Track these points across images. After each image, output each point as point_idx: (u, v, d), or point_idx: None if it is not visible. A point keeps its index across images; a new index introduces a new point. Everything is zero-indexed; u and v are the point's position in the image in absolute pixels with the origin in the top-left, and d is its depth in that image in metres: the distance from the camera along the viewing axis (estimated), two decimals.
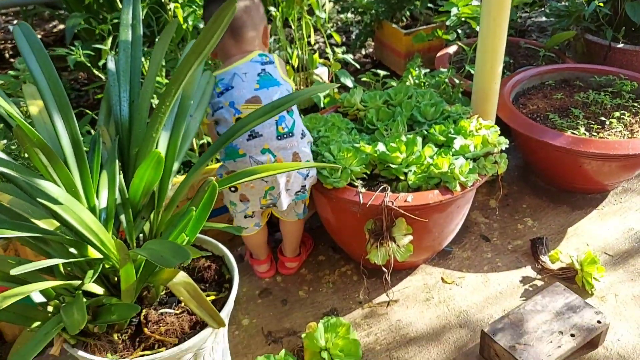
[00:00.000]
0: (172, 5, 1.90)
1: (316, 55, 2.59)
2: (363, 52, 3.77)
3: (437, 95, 2.12)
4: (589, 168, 2.08)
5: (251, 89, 1.65)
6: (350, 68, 3.34)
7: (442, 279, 1.95)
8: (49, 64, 1.30)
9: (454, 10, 2.46)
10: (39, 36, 3.99)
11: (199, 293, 1.15)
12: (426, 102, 2.04)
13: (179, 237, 1.19)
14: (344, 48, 2.66)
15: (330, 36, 2.98)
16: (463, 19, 2.48)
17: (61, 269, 1.25)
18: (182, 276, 1.15)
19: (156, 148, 1.44)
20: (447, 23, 2.51)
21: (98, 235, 1.16)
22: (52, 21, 4.31)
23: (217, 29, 1.29)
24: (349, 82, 2.47)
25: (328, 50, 2.63)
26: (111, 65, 1.60)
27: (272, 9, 2.57)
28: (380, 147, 1.78)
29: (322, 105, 2.40)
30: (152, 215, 1.41)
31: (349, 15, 3.85)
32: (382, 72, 2.60)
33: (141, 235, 1.44)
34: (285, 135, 1.65)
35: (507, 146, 1.87)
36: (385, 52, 3.49)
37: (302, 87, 2.69)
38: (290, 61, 2.59)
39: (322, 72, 2.78)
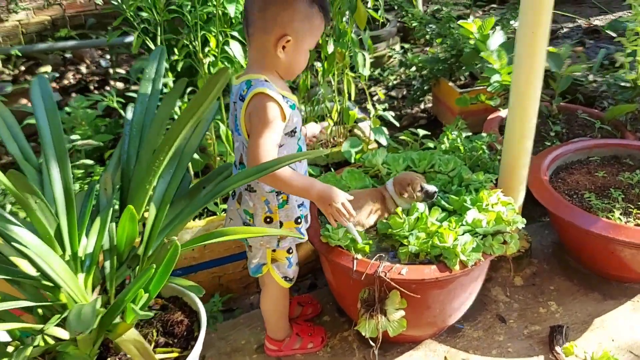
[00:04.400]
0: (206, 61, 2.00)
1: (353, 112, 2.60)
2: (422, 106, 3.74)
3: (462, 163, 2.06)
4: (623, 255, 1.91)
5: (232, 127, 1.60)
6: (400, 124, 3.33)
7: (445, 358, 1.85)
8: (56, 115, 1.41)
9: (495, 77, 2.39)
10: (122, 71, 4.32)
11: (148, 352, 1.17)
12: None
13: (138, 293, 1.23)
14: (386, 105, 2.66)
15: (374, 93, 2.99)
16: (507, 84, 2.40)
17: (39, 310, 1.33)
18: (132, 333, 1.18)
19: (150, 201, 1.52)
20: (489, 89, 2.45)
21: (66, 282, 1.22)
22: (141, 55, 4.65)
23: (209, 93, 1.34)
24: (382, 140, 2.45)
25: (369, 106, 2.64)
26: (129, 114, 1.70)
27: (317, 64, 2.62)
28: None
29: (352, 161, 2.40)
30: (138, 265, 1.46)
31: (411, 70, 3.85)
32: (421, 132, 2.57)
33: (127, 282, 1.50)
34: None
35: (523, 226, 1.77)
36: (442, 109, 3.44)
37: (342, 140, 2.71)
38: (330, 115, 2.62)
39: (365, 126, 2.79)
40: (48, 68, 3.60)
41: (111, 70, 4.17)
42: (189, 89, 2.16)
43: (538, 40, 1.76)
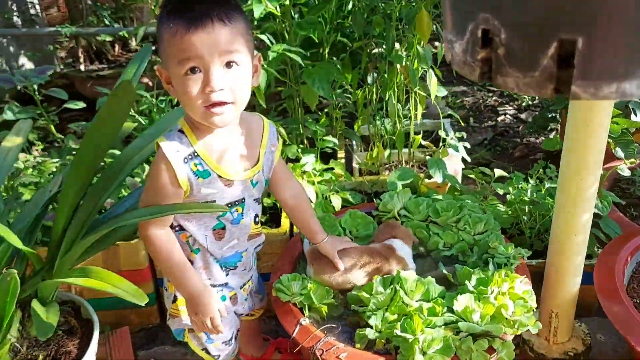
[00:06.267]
0: None
1: (418, 136, 2.22)
2: (551, 136, 3.13)
3: (498, 226, 1.61)
4: None
5: None
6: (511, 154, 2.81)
7: None
8: None
9: None
10: None
11: None
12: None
13: None
14: (463, 134, 2.21)
15: (449, 116, 2.54)
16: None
17: None
18: None
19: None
20: None
21: None
22: None
23: (113, 113, 1.17)
24: (438, 176, 2.03)
25: (440, 132, 2.23)
26: None
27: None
28: None
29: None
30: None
31: None
32: (498, 172, 2.10)
33: None
34: None
35: (536, 331, 1.30)
36: None
37: (405, 166, 2.35)
38: (393, 137, 2.28)
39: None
40: None
41: None
42: None
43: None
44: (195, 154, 1.16)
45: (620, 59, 0.37)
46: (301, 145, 2.28)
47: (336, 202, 2.02)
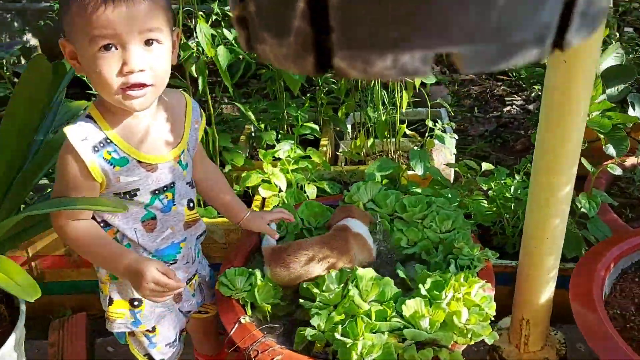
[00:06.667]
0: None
1: (403, 125, 2.10)
2: None
3: (469, 225, 1.49)
4: None
5: None
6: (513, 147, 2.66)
7: None
8: None
9: None
10: None
11: None
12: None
13: None
14: (453, 124, 2.08)
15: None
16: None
17: None
18: None
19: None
20: None
21: None
22: None
23: (27, 93, 1.09)
24: (419, 168, 1.91)
25: (427, 122, 2.11)
26: None
27: None
28: None
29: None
30: None
31: None
32: (485, 166, 1.96)
33: None
34: None
35: (491, 342, 1.19)
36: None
37: (391, 157, 2.23)
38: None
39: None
40: None
41: None
42: None
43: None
44: (108, 141, 1.05)
45: (391, 19, 0.26)
46: (281, 132, 2.18)
47: (311, 191, 1.92)
